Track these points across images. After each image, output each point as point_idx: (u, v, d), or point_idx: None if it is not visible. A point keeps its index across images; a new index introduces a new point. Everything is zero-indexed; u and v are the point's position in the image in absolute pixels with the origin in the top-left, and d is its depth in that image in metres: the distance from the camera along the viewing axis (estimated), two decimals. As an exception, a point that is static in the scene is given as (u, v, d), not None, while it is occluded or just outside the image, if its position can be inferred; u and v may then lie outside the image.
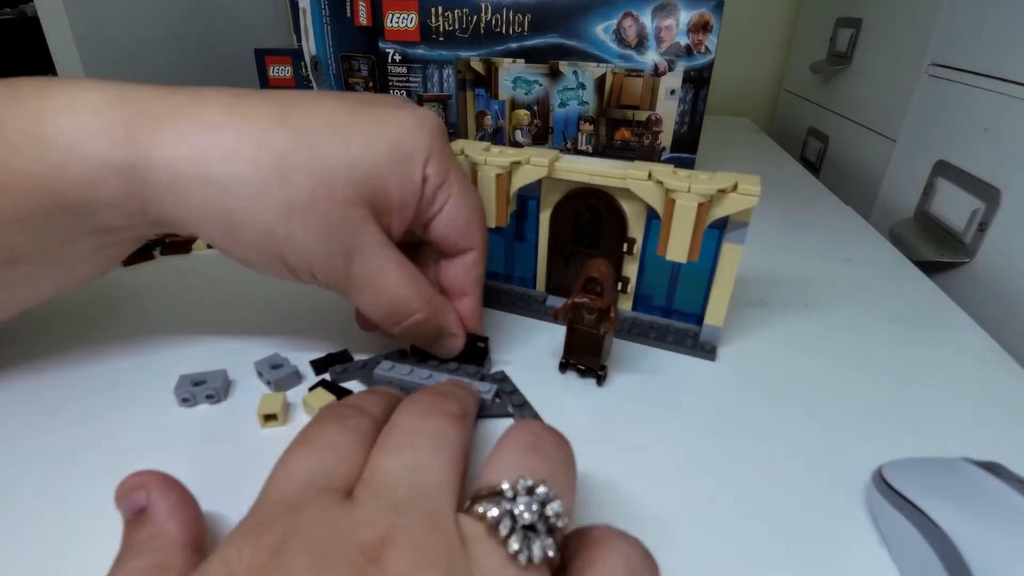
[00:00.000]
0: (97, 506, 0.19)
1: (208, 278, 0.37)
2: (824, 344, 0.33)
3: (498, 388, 0.27)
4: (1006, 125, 0.45)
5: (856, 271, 0.42)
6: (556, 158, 0.31)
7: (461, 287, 0.28)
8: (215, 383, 0.26)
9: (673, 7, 0.53)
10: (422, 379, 0.27)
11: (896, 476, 0.21)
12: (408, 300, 0.25)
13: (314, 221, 0.22)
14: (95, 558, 0.17)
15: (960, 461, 0.21)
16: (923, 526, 0.19)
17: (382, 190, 0.23)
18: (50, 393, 0.27)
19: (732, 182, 0.27)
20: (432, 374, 0.27)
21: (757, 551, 0.20)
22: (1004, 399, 0.29)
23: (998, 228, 0.45)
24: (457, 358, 0.28)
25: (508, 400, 0.27)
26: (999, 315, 0.43)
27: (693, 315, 0.32)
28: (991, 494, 0.19)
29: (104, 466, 0.22)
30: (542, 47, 0.56)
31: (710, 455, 0.25)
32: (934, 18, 0.55)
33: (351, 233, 0.23)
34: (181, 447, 0.24)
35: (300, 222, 0.22)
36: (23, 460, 0.23)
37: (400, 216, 0.24)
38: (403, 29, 0.57)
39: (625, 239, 0.31)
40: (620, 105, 0.58)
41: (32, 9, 0.99)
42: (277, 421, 0.25)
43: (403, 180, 0.23)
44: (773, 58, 1.02)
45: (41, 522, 0.21)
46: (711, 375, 0.30)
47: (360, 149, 0.22)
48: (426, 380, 0.27)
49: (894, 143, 0.61)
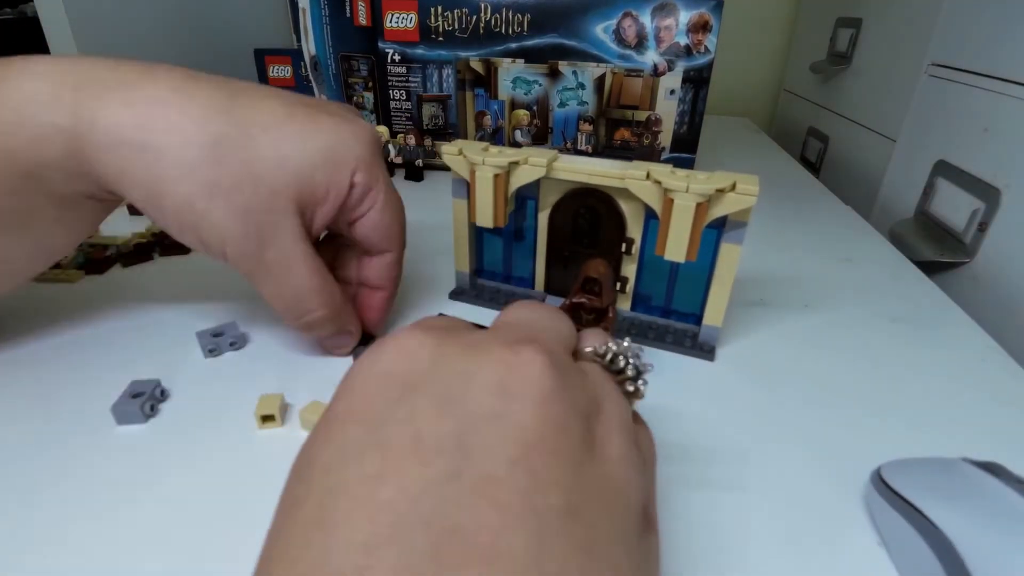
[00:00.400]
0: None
1: (206, 278, 0.37)
2: (824, 344, 0.33)
3: None
4: (1006, 125, 0.45)
5: (856, 271, 0.42)
6: (555, 158, 0.30)
7: (378, 282, 0.30)
8: (233, 333, 0.30)
9: (673, 7, 0.53)
10: None
11: (895, 476, 0.21)
12: (311, 295, 0.26)
13: (235, 203, 0.23)
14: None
15: (959, 461, 0.21)
16: (921, 526, 0.19)
17: (308, 188, 0.24)
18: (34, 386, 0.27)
19: (730, 182, 0.26)
20: None
21: (755, 551, 0.20)
22: (1004, 399, 0.29)
23: (998, 228, 0.45)
24: None
25: None
26: (999, 315, 0.43)
27: (692, 315, 0.32)
28: (990, 494, 0.19)
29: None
30: (542, 47, 0.56)
31: (709, 455, 0.25)
32: (934, 18, 0.55)
33: (270, 221, 0.24)
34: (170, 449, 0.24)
35: (221, 202, 0.23)
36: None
37: (323, 214, 0.26)
38: (403, 29, 0.57)
39: (624, 239, 0.31)
40: (620, 105, 0.58)
41: (32, 9, 0.99)
42: (274, 422, 0.25)
43: (330, 182, 0.25)
44: (773, 58, 1.02)
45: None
46: (710, 375, 0.30)
47: (292, 148, 0.24)
48: None
49: (894, 143, 0.61)
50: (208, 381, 0.28)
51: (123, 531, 0.20)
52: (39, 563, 0.19)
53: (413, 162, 0.59)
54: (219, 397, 0.27)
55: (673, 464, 0.24)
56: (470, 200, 0.32)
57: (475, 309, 0.35)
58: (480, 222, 0.32)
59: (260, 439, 0.25)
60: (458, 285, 0.37)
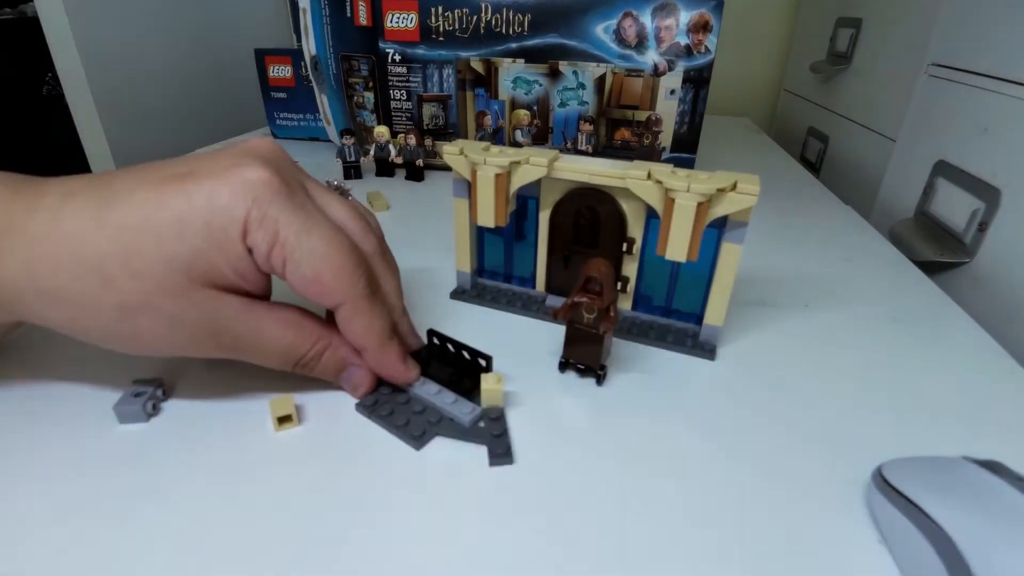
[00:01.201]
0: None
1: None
2: (824, 344, 0.33)
3: (483, 413, 0.26)
4: (1006, 125, 0.45)
5: (856, 271, 0.42)
6: (556, 158, 0.31)
7: (353, 342, 0.26)
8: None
9: (673, 7, 0.53)
10: (430, 395, 0.27)
11: (896, 475, 0.21)
12: (294, 346, 0.25)
13: (158, 317, 0.22)
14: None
15: (960, 460, 0.21)
16: (923, 524, 0.19)
17: (213, 269, 0.22)
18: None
19: (731, 181, 0.27)
20: (424, 381, 0.27)
21: (756, 550, 0.20)
22: (1004, 398, 0.29)
23: (998, 228, 0.45)
24: (459, 372, 0.28)
25: (489, 429, 0.25)
26: (999, 315, 0.43)
27: (693, 315, 0.32)
28: (991, 492, 0.19)
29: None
30: (542, 47, 0.56)
31: (710, 454, 0.25)
32: (934, 18, 0.55)
33: (204, 315, 0.23)
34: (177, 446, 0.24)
35: (144, 319, 0.22)
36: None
37: (248, 283, 0.24)
38: (403, 29, 0.57)
39: (625, 239, 0.31)
40: (620, 105, 0.58)
41: (32, 9, 0.99)
42: (292, 422, 0.25)
43: (228, 256, 0.22)
44: (773, 58, 1.02)
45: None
46: (711, 375, 0.30)
47: (172, 242, 0.22)
48: (418, 388, 0.27)
49: (894, 143, 0.61)
50: (210, 380, 0.28)
51: (126, 531, 0.20)
52: (44, 562, 0.19)
53: (413, 162, 0.59)
54: (221, 395, 0.27)
55: (674, 463, 0.24)
56: (471, 200, 0.32)
57: (476, 309, 0.35)
58: (481, 222, 0.32)
59: (262, 437, 0.25)
60: (459, 285, 0.37)
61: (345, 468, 0.23)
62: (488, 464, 0.24)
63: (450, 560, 0.20)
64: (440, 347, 0.28)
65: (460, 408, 0.26)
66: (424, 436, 0.25)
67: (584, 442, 0.25)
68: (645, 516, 0.22)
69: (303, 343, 0.25)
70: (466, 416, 0.25)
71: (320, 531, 0.20)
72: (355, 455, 0.24)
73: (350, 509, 0.21)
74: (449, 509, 0.22)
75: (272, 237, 0.22)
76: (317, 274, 0.23)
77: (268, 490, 0.22)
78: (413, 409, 0.26)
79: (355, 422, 0.26)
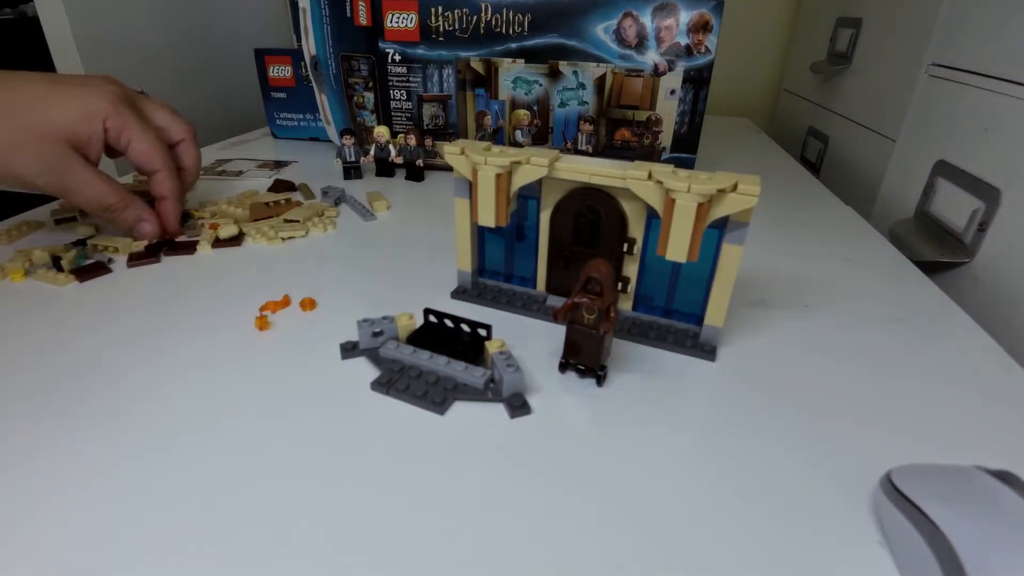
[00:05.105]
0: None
1: (210, 276, 0.38)
2: (824, 344, 0.33)
3: (491, 375, 0.28)
4: (1006, 125, 0.46)
5: (856, 271, 0.42)
6: (556, 158, 0.31)
7: (159, 193, 0.42)
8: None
9: (673, 7, 0.53)
10: (423, 360, 0.28)
11: (905, 481, 0.21)
12: (106, 195, 0.39)
13: (30, 154, 0.36)
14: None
15: (972, 469, 0.21)
16: (924, 528, 0.19)
17: (75, 136, 0.38)
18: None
19: (732, 182, 0.26)
20: (432, 355, 0.29)
21: (757, 551, 0.20)
22: (1004, 399, 0.29)
23: (998, 228, 0.45)
24: (460, 346, 0.29)
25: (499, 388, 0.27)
26: (999, 315, 0.43)
27: (693, 315, 0.32)
28: (1000, 503, 0.19)
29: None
30: (542, 47, 0.56)
31: (710, 455, 0.25)
32: (934, 18, 0.55)
33: (60, 161, 0.37)
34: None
35: (21, 155, 0.36)
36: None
37: (94, 150, 0.39)
38: (403, 29, 0.57)
39: (625, 239, 0.31)
40: (620, 105, 0.58)
41: (32, 9, 0.99)
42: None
43: (89, 129, 0.38)
44: (773, 58, 1.02)
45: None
46: (711, 375, 0.30)
47: (57, 112, 0.37)
48: (427, 362, 0.28)
49: (894, 143, 0.61)
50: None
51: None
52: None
53: (414, 162, 0.59)
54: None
55: (674, 464, 0.24)
56: (472, 199, 0.32)
57: (477, 308, 0.35)
58: (482, 221, 0.32)
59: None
60: (460, 284, 0.37)
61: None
62: (509, 417, 0.26)
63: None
64: (438, 324, 0.31)
65: (472, 373, 0.28)
66: (445, 402, 0.27)
67: (584, 443, 0.25)
68: (645, 515, 0.22)
69: (113, 196, 0.40)
70: (479, 379, 0.27)
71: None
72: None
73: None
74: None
75: (123, 126, 0.39)
76: (149, 151, 0.41)
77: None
78: (427, 381, 0.28)
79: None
